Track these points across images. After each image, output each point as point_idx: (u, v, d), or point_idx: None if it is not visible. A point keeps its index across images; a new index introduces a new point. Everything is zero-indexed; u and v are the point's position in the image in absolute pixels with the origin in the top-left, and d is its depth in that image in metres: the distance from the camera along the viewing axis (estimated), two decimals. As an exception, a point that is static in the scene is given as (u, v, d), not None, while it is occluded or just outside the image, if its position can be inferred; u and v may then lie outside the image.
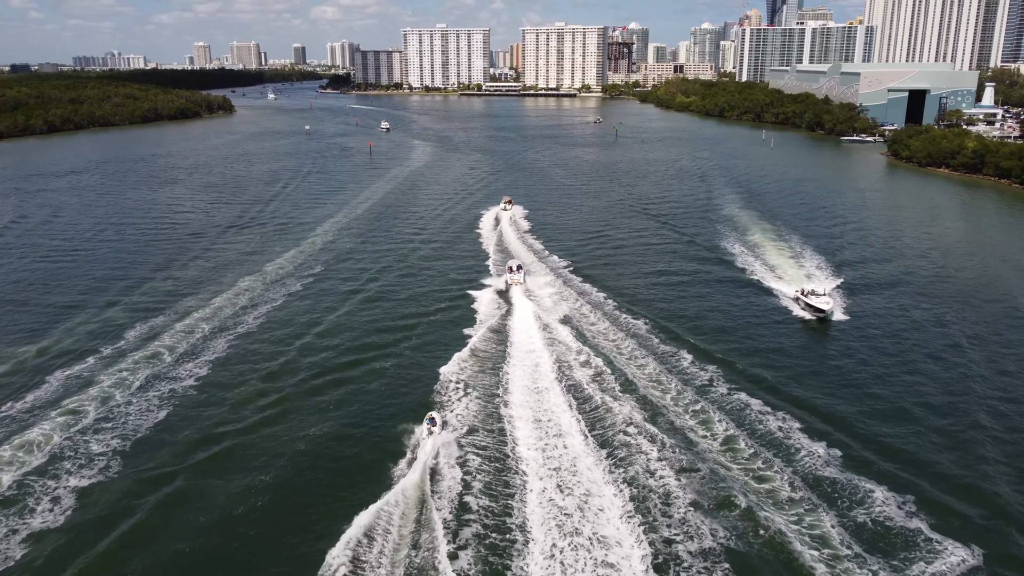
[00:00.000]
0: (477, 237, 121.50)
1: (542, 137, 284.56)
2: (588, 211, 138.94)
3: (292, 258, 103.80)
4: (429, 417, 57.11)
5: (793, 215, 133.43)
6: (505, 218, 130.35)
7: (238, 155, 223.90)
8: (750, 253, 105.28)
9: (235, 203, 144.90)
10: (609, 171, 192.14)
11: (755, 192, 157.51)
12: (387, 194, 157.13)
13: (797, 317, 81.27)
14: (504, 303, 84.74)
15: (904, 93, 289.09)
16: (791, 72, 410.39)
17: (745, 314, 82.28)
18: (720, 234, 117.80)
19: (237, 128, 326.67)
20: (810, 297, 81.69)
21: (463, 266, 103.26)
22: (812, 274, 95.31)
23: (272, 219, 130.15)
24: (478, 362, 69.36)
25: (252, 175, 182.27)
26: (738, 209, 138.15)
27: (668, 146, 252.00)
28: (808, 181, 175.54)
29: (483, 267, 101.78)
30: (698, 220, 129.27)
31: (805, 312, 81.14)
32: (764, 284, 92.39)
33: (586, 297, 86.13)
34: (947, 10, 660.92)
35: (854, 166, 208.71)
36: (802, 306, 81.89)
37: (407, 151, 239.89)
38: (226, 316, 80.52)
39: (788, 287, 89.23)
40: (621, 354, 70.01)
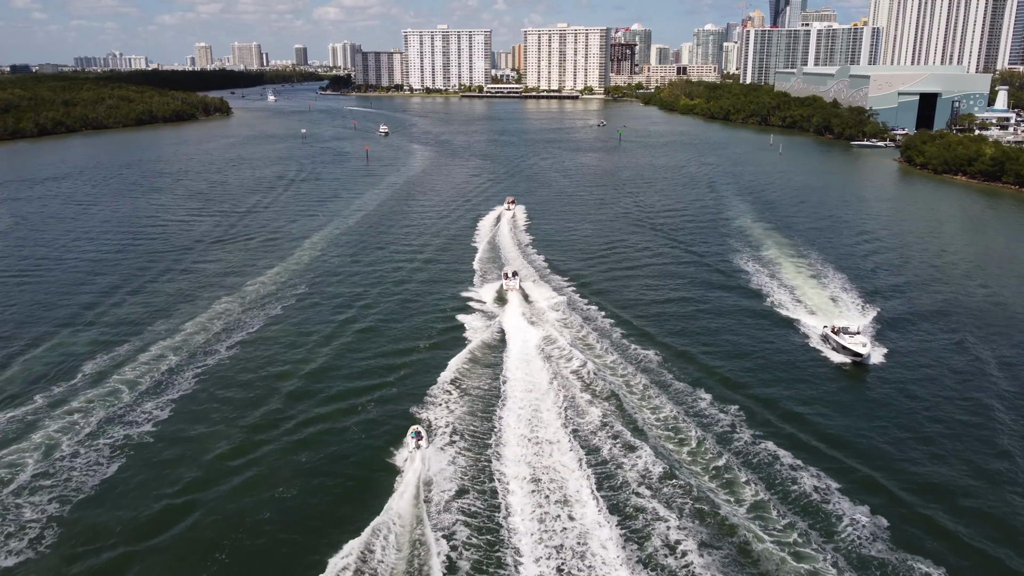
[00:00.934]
0: (474, 246, 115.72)
1: (544, 141, 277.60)
2: (592, 223, 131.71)
3: (275, 276, 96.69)
4: (414, 431, 55.55)
5: (809, 228, 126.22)
6: (507, 218, 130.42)
7: (229, 160, 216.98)
8: (767, 272, 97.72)
9: (219, 214, 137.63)
10: (613, 178, 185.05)
11: (767, 202, 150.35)
12: (381, 203, 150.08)
13: (827, 358, 71.41)
14: (499, 310, 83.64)
15: (915, 96, 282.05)
16: (797, 74, 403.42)
17: (767, 349, 73.91)
18: (733, 250, 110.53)
19: (232, 131, 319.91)
20: (842, 336, 71.55)
21: (457, 274, 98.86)
22: (837, 296, 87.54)
23: (257, 232, 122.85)
24: (469, 375, 67.29)
25: (241, 182, 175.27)
26: (750, 221, 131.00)
27: (673, 151, 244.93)
28: (821, 190, 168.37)
29: (479, 276, 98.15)
30: (708, 234, 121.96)
31: (836, 353, 71.36)
32: (786, 314, 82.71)
33: (592, 324, 78.94)
34: (953, 11, 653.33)
35: (867, 173, 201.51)
36: (833, 346, 72.14)
37: (405, 156, 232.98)
38: (196, 345, 73.45)
39: (815, 321, 79.54)
40: (632, 392, 62.84)
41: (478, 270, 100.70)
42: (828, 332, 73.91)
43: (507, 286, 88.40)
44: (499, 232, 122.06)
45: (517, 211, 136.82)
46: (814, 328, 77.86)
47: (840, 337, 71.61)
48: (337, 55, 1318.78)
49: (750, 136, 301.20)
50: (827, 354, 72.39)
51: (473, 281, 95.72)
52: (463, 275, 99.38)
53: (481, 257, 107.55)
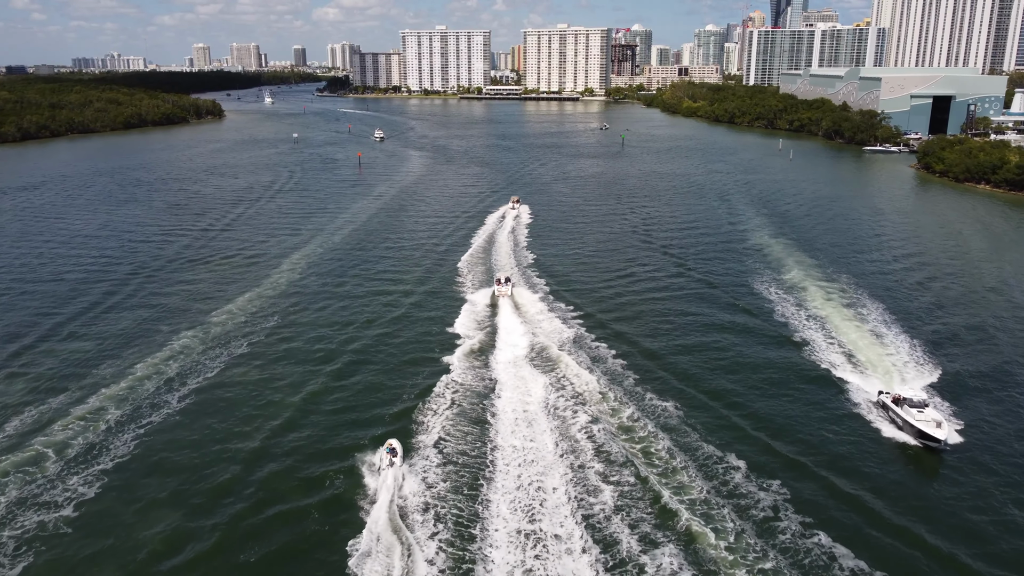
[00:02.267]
0: (467, 258, 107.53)
1: (544, 146, 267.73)
2: (596, 241, 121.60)
3: (245, 305, 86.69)
4: (389, 446, 52.54)
5: (832, 245, 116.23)
6: (511, 217, 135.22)
7: (214, 167, 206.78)
8: (793, 302, 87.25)
9: (194, 229, 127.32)
10: (617, 188, 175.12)
11: (782, 214, 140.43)
12: (371, 216, 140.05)
13: (884, 433, 57.57)
14: (489, 318, 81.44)
15: (928, 100, 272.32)
16: (804, 76, 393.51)
17: (804, 409, 61.35)
18: (752, 273, 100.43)
19: (222, 136, 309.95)
20: (906, 409, 56.71)
21: (447, 283, 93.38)
22: (881, 333, 76.47)
23: (230, 251, 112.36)
24: (454, 387, 64.81)
25: (222, 192, 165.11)
26: (767, 237, 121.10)
27: (679, 157, 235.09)
28: (838, 200, 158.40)
29: (470, 284, 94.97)
30: (723, 254, 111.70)
31: (898, 428, 57.21)
32: (826, 366, 68.40)
33: (601, 365, 69.03)
34: (959, 12, 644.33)
35: (885, 182, 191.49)
36: (895, 420, 57.71)
37: (400, 163, 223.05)
38: (144, 395, 63.48)
39: (862, 380, 65.11)
40: (653, 465, 52.84)
41: (469, 280, 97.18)
42: (886, 400, 59.73)
43: (499, 292, 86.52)
44: (497, 243, 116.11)
45: (522, 210, 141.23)
46: (862, 389, 63.83)
47: (904, 410, 57.00)
48: (336, 56, 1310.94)
49: (757, 141, 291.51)
50: (882, 426, 58.64)
51: (464, 288, 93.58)
52: (454, 284, 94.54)
53: (473, 268, 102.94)
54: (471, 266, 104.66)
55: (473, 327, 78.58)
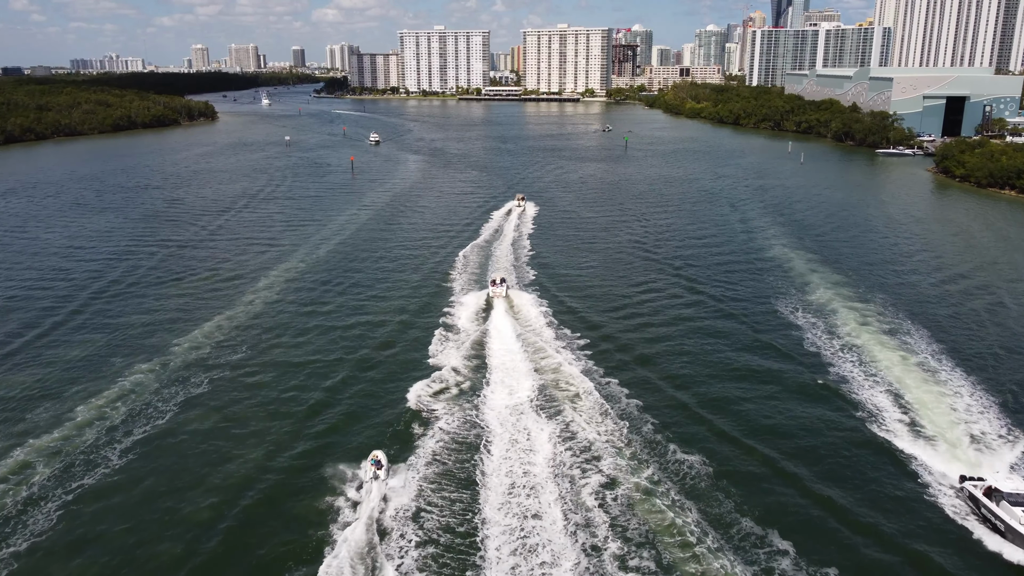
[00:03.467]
0: (463, 262, 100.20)
1: (545, 149, 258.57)
2: (598, 254, 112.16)
3: (212, 332, 77.50)
4: (374, 458, 50.06)
5: (860, 260, 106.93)
6: (516, 213, 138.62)
7: (198, 173, 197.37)
8: (824, 328, 77.60)
9: (166, 242, 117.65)
10: (621, 194, 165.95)
11: (801, 224, 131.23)
12: (361, 227, 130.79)
13: (978, 537, 44.78)
14: (483, 321, 78.96)
15: (941, 100, 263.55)
16: (810, 76, 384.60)
17: (858, 486, 49.43)
18: (773, 293, 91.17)
19: (213, 138, 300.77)
20: (1006, 508, 43.80)
21: (439, 292, 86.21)
22: (933, 369, 66.25)
23: (204, 267, 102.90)
24: (445, 394, 62.46)
25: (203, 200, 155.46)
26: (787, 250, 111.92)
27: (685, 160, 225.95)
28: (858, 208, 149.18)
29: (462, 289, 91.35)
30: (739, 270, 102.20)
31: (1000, 534, 44.05)
32: (874, 419, 57.24)
33: (617, 406, 59.87)
34: (964, 11, 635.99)
35: (903, 187, 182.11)
36: (996, 524, 44.40)
37: (395, 167, 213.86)
38: (80, 448, 54.35)
39: (931, 450, 52.54)
40: (673, 537, 43.86)
41: (462, 286, 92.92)
42: (974, 491, 46.47)
43: (493, 293, 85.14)
44: (494, 256, 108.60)
45: (527, 207, 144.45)
46: (932, 466, 50.63)
47: (1005, 509, 43.91)
48: (335, 57, 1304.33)
49: (764, 143, 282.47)
50: (972, 526, 45.42)
51: (456, 294, 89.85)
52: (446, 291, 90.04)
53: (468, 274, 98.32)
54: (465, 272, 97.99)
55: (464, 332, 76.19)
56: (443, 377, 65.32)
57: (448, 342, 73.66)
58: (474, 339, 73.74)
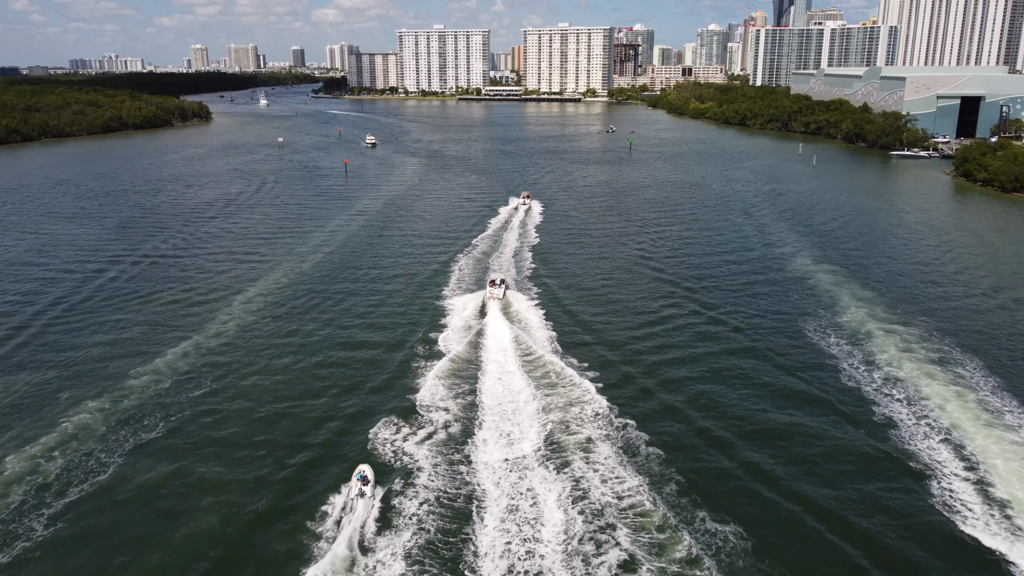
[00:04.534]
0: (459, 273, 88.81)
1: (546, 152, 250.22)
2: (605, 270, 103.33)
3: (175, 362, 69.03)
4: (360, 472, 47.31)
5: (889, 273, 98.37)
6: (522, 211, 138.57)
7: (183, 177, 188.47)
8: (862, 358, 68.46)
9: (137, 256, 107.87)
10: (627, 200, 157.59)
11: (820, 233, 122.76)
12: (351, 236, 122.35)
13: None
14: (479, 324, 75.80)
15: (956, 100, 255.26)
16: (818, 76, 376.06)
17: None
18: (798, 310, 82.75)
19: (204, 140, 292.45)
20: None
21: (431, 299, 74.40)
22: (995, 410, 57.29)
23: (173, 286, 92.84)
24: (439, 403, 59.46)
25: (183, 207, 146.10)
26: (809, 261, 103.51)
27: (692, 163, 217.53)
28: (881, 215, 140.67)
29: (459, 293, 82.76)
30: (759, 284, 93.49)
31: None
32: (937, 486, 48.03)
33: (621, 434, 51.64)
34: (970, 10, 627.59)
35: (923, 192, 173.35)
36: None
37: (390, 171, 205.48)
38: (2, 515, 46.05)
39: (1009, 530, 43.30)
40: None
41: (457, 292, 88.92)
42: None
43: (491, 294, 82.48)
44: (495, 261, 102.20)
45: (533, 204, 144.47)
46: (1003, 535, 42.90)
47: None
48: (335, 57, 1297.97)
49: (773, 144, 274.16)
50: None
51: (451, 300, 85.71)
52: (439, 298, 77.85)
53: (464, 284, 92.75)
54: (459, 288, 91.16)
55: (459, 338, 72.88)
56: (435, 387, 62.21)
57: (442, 349, 70.71)
58: (467, 349, 70.18)
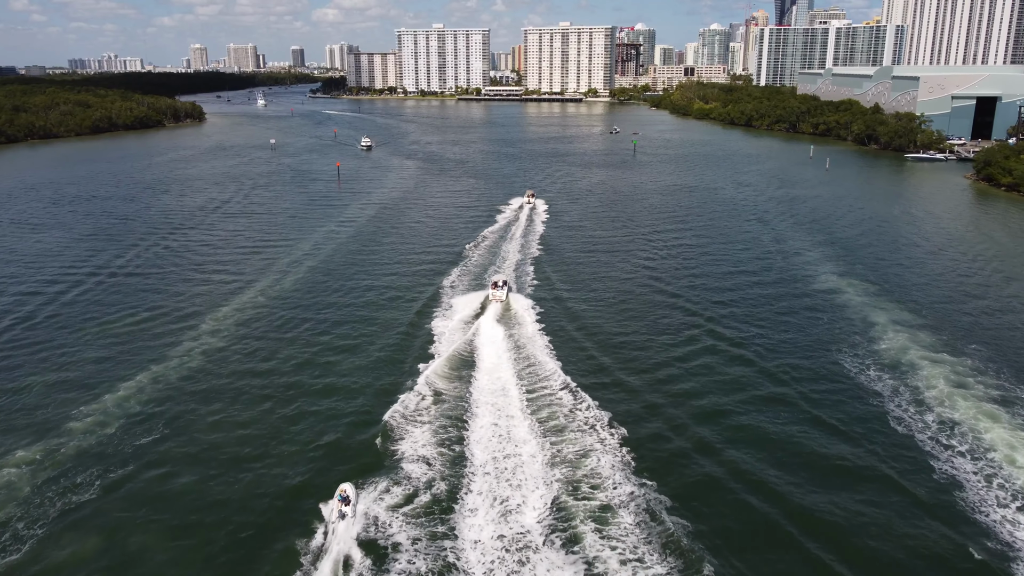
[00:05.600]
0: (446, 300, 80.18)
1: (548, 155, 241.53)
2: (613, 291, 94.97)
3: (125, 401, 60.33)
4: (341, 493, 43.36)
5: (926, 291, 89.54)
6: (527, 210, 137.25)
7: (164, 181, 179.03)
8: (909, 397, 59.63)
9: (102, 271, 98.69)
10: (633, 206, 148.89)
11: (844, 244, 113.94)
12: (339, 247, 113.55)
13: None
14: (477, 329, 72.09)
15: (971, 101, 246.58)
16: (825, 76, 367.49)
17: None
18: (830, 336, 74.02)
19: (195, 142, 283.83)
20: None
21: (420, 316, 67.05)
22: None
23: (136, 306, 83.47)
24: (430, 413, 56.46)
25: (158, 215, 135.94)
26: (836, 276, 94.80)
27: (699, 166, 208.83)
28: (903, 223, 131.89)
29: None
30: (783, 303, 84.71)
31: None
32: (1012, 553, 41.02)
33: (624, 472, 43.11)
34: (977, 8, 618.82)
35: (945, 198, 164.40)
36: None
37: (386, 175, 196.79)
38: None
39: None
40: None
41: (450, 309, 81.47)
42: None
43: (493, 296, 79.18)
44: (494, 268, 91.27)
45: (538, 203, 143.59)
46: None
47: None
48: (334, 57, 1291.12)
49: (781, 146, 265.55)
50: None
51: (438, 319, 78.71)
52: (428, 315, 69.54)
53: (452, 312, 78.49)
54: (451, 313, 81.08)
55: (454, 341, 69.40)
56: (424, 400, 58.45)
57: (432, 356, 67.05)
58: (465, 353, 66.73)
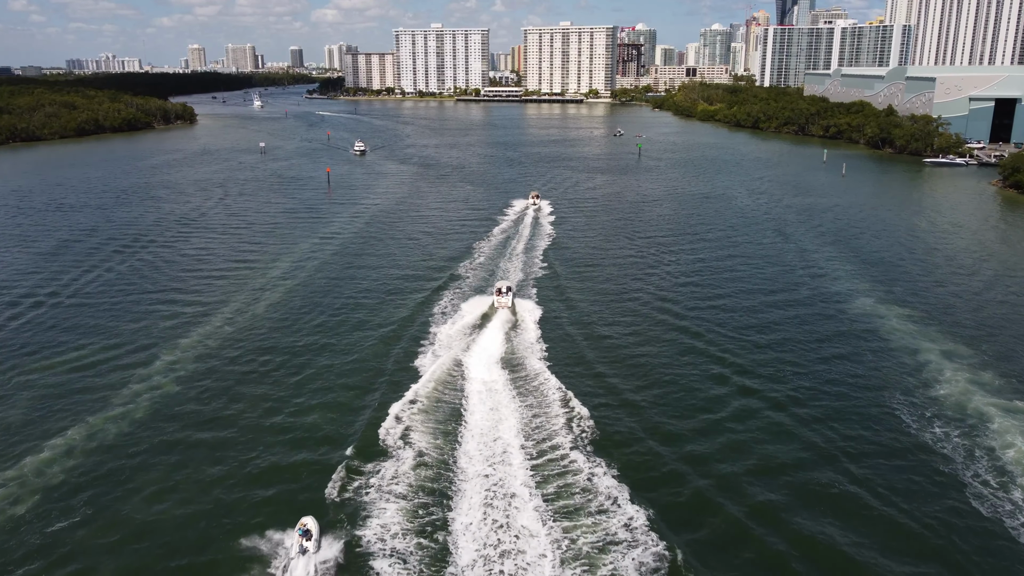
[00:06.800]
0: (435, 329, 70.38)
1: (550, 159, 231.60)
2: (626, 316, 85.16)
3: (45, 470, 50.31)
4: (302, 527, 39.58)
5: (971, 313, 79.28)
6: (532, 212, 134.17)
7: (141, 189, 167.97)
8: (987, 462, 49.52)
9: (43, 293, 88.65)
10: (641, 217, 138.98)
11: (876, 262, 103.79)
12: (323, 264, 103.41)
13: None
14: (478, 336, 69.52)
15: (989, 103, 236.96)
16: (834, 76, 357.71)
17: None
18: (878, 378, 63.99)
19: (182, 145, 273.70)
20: None
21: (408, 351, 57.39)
22: None
23: (80, 342, 72.95)
24: (404, 442, 50.24)
25: (127, 228, 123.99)
26: (874, 302, 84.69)
27: (708, 171, 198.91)
28: (935, 237, 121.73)
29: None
30: (822, 343, 74.70)
31: None
32: None
33: None
34: (983, 9, 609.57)
35: (972, 206, 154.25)
36: None
37: (379, 181, 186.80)
38: None
39: None
40: None
41: None
42: None
43: (498, 303, 76.83)
44: None
45: (543, 204, 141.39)
46: None
47: None
48: (333, 57, 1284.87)
49: (791, 150, 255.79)
50: None
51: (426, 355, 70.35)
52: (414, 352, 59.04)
53: None
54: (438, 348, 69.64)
55: (444, 353, 65.75)
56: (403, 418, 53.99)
57: (418, 367, 64.13)
58: (457, 364, 62.93)
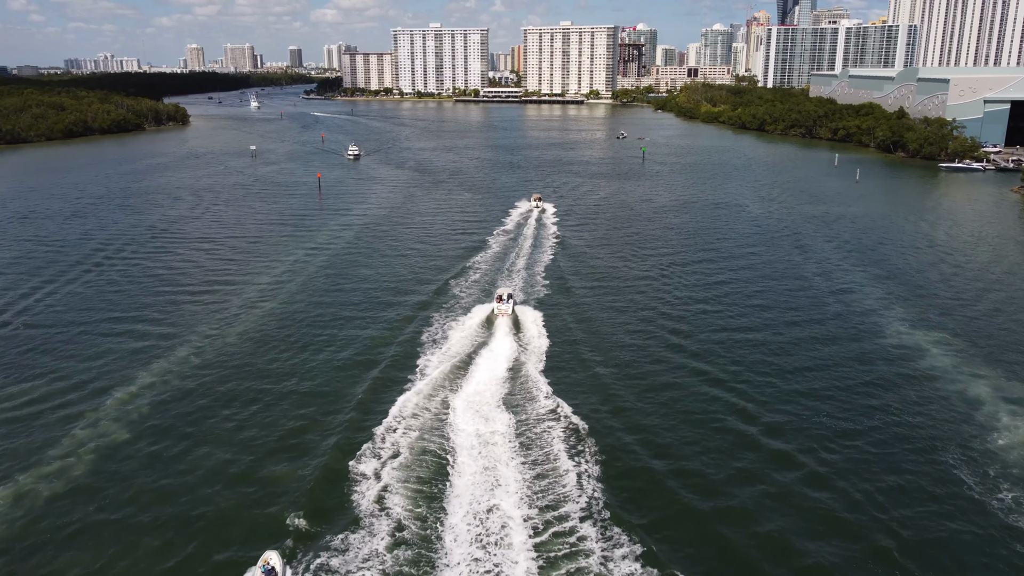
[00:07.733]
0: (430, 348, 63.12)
1: (551, 163, 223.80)
2: (632, 348, 77.21)
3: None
4: (265, 564, 36.96)
5: (1010, 336, 71.75)
6: (535, 215, 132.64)
7: (118, 195, 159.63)
8: None
9: (15, 313, 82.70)
10: (648, 227, 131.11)
11: (901, 278, 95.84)
12: (307, 282, 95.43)
13: None
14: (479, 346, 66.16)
15: (1005, 105, 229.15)
16: (841, 77, 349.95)
17: None
18: (935, 435, 56.08)
19: (172, 147, 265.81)
20: None
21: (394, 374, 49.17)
22: None
23: (32, 372, 67.20)
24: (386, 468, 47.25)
25: (96, 240, 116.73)
26: (907, 328, 76.84)
27: (716, 176, 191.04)
28: (956, 247, 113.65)
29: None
30: (858, 379, 67.16)
31: None
32: None
33: None
34: (988, 9, 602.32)
35: (997, 215, 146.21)
36: None
37: (372, 187, 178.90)
38: None
39: None
40: None
41: None
42: None
43: (498, 311, 75.83)
44: None
45: (547, 207, 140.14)
46: None
47: None
48: (332, 57, 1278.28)
49: (800, 153, 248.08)
50: None
51: None
52: None
53: None
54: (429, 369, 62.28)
55: (439, 365, 63.68)
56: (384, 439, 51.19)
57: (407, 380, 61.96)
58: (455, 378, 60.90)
